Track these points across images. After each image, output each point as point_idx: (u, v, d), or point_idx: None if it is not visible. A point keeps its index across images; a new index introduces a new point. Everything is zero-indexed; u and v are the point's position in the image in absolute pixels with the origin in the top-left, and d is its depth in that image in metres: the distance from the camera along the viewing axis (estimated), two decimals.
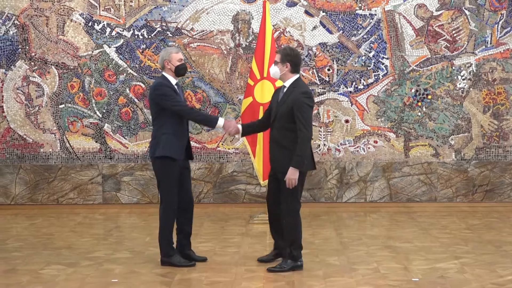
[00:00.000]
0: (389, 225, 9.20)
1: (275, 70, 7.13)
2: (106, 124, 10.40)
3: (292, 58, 7.04)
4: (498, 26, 10.24)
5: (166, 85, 7.14)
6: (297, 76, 7.08)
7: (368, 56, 10.28)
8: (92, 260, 7.44)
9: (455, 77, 10.28)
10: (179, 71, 7.22)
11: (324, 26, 10.29)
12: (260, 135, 9.16)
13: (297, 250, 7.06)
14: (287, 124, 6.92)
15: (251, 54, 10.04)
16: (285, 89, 7.07)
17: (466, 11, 10.23)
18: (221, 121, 7.21)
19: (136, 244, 8.17)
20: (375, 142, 10.34)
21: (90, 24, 10.32)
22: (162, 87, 7.13)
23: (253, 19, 10.29)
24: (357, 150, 10.32)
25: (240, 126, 7.36)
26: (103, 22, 10.32)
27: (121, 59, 10.33)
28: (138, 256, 7.60)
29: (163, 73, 7.25)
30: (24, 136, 10.40)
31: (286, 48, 7.27)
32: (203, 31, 10.32)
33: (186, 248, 7.34)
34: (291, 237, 7.04)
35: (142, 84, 10.35)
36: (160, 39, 10.31)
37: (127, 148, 10.42)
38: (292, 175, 6.88)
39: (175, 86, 7.21)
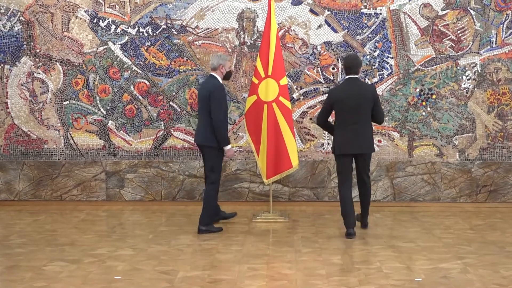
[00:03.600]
0: (392, 225, 9.18)
1: None
2: (110, 121, 10.40)
3: (344, 63, 8.63)
4: (503, 26, 10.21)
5: (223, 90, 8.63)
6: (347, 77, 8.53)
7: (373, 55, 10.27)
8: (95, 257, 7.45)
9: (460, 77, 10.26)
10: (228, 76, 8.81)
11: (329, 25, 10.27)
12: (264, 134, 9.16)
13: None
14: None
15: (256, 52, 10.04)
16: None
17: (472, 11, 10.20)
18: (228, 147, 8.64)
19: (139, 241, 8.18)
20: (379, 141, 10.33)
21: (95, 21, 10.32)
22: (222, 90, 8.63)
23: (258, 17, 10.28)
24: None
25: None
26: (108, 19, 10.32)
27: (125, 56, 10.33)
28: (141, 253, 7.61)
29: (214, 73, 8.70)
30: (28, 133, 10.41)
31: (346, 55, 9.30)
32: (208, 28, 10.32)
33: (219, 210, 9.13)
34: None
35: (146, 81, 10.34)
36: (165, 36, 10.31)
37: (131, 145, 10.42)
38: None
39: None
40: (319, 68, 10.30)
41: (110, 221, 9.49)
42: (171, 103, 10.36)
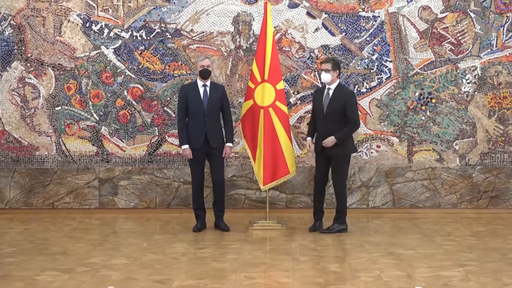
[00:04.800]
0: (392, 232, 9.15)
1: (327, 77, 8.82)
2: (103, 127, 10.31)
3: (339, 66, 8.98)
4: (503, 29, 10.16)
5: (184, 89, 9.11)
6: (338, 80, 8.98)
7: (371, 58, 10.20)
8: (88, 266, 7.38)
9: (460, 81, 10.20)
10: (201, 74, 8.99)
11: (326, 28, 10.21)
12: (260, 140, 9.12)
13: (343, 216, 9.03)
14: (341, 117, 8.76)
15: (252, 56, 9.99)
16: (331, 91, 8.86)
17: (471, 14, 10.14)
18: (185, 146, 9.02)
19: (133, 250, 8.11)
20: (378, 146, 10.26)
21: (87, 25, 10.24)
22: (180, 90, 9.19)
23: (254, 20, 10.21)
24: (360, 155, 10.23)
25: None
26: (101, 22, 10.24)
27: (119, 60, 10.25)
28: (135, 262, 7.53)
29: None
30: (19, 139, 10.31)
31: (335, 58, 9.22)
32: (203, 32, 10.23)
33: (218, 219, 9.17)
34: (340, 205, 9.02)
35: (140, 86, 10.26)
36: (159, 40, 10.22)
37: (125, 151, 10.33)
38: (330, 142, 8.77)
39: (202, 87, 9.01)
40: (316, 72, 10.23)
41: (103, 229, 9.41)
42: (165, 108, 10.29)
